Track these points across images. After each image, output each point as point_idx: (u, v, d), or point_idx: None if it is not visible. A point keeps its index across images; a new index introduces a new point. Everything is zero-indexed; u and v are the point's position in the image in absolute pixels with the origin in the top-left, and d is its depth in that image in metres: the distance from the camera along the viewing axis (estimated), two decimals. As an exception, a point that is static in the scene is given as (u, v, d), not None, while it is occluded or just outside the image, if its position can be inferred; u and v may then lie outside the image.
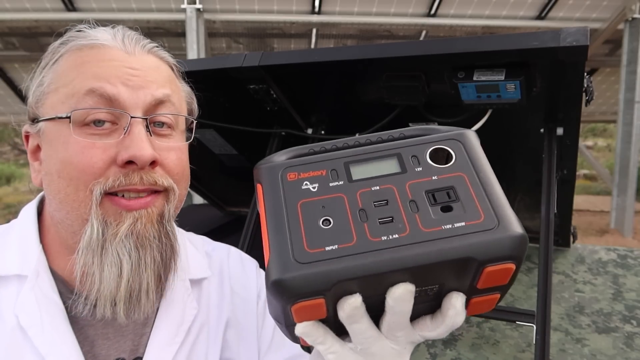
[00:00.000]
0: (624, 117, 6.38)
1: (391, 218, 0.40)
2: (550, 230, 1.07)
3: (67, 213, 0.61)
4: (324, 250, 0.39)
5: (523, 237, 0.39)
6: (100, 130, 0.60)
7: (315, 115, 1.33)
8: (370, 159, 0.44)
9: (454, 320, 0.43)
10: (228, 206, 2.00)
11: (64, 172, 0.59)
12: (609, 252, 1.49)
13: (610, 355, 1.08)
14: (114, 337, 0.65)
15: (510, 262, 0.39)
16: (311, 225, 0.40)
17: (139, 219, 0.61)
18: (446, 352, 1.11)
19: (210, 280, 0.76)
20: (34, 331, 0.60)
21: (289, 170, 0.44)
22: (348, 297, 0.40)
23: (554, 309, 1.24)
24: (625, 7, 6.17)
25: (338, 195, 0.42)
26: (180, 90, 0.70)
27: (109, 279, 0.59)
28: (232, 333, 0.74)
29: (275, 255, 0.39)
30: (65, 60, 0.63)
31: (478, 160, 0.44)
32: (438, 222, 0.39)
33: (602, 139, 15.73)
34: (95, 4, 6.19)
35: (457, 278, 0.40)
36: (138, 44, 0.65)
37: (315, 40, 7.32)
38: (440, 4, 6.46)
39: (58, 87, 0.62)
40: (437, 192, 0.41)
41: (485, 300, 0.44)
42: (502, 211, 0.40)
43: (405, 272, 0.38)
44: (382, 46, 1.01)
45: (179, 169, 0.65)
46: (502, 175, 1.51)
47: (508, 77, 0.94)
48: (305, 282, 0.38)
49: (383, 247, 0.39)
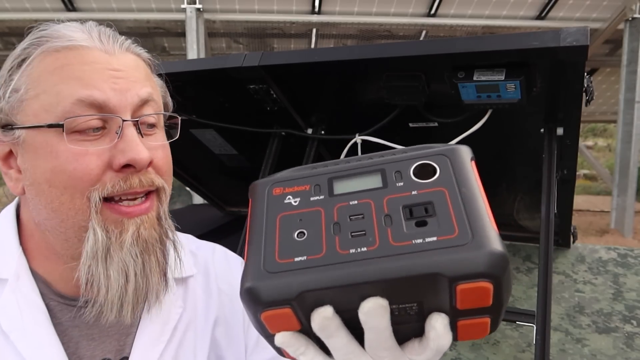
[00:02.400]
0: (624, 117, 6.38)
1: (364, 232, 0.40)
2: (550, 230, 1.07)
3: (61, 221, 0.60)
4: (292, 260, 0.39)
5: (498, 254, 0.36)
6: (92, 136, 0.59)
7: (315, 115, 1.33)
8: (355, 174, 0.44)
9: (438, 343, 0.41)
10: (228, 206, 2.00)
11: (56, 180, 0.58)
12: (609, 252, 1.49)
13: (610, 355, 1.08)
14: (99, 337, 0.65)
15: (484, 280, 0.37)
16: (286, 237, 0.41)
17: (141, 225, 0.61)
18: (446, 352, 1.11)
19: (196, 278, 0.76)
20: (16, 335, 0.59)
21: (276, 186, 0.45)
22: (318, 308, 0.39)
23: (554, 309, 1.24)
24: (625, 7, 6.17)
25: (316, 209, 0.42)
26: (157, 85, 0.70)
27: (117, 285, 0.59)
28: (221, 331, 0.75)
29: (249, 264, 0.40)
30: (39, 62, 0.60)
31: (463, 175, 0.42)
32: (409, 236, 0.39)
33: (602, 139, 15.72)
34: (95, 4, 6.19)
35: (433, 296, 0.39)
36: (116, 43, 0.63)
37: (315, 40, 7.32)
38: (440, 4, 6.46)
39: (38, 93, 0.59)
40: (414, 207, 0.40)
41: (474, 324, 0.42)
42: (480, 227, 0.38)
43: (374, 286, 0.38)
44: (382, 46, 1.01)
45: (167, 167, 0.65)
46: (502, 175, 1.51)
47: (508, 77, 0.94)
48: (270, 290, 0.38)
49: (349, 259, 0.38)
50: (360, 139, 1.24)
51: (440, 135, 1.16)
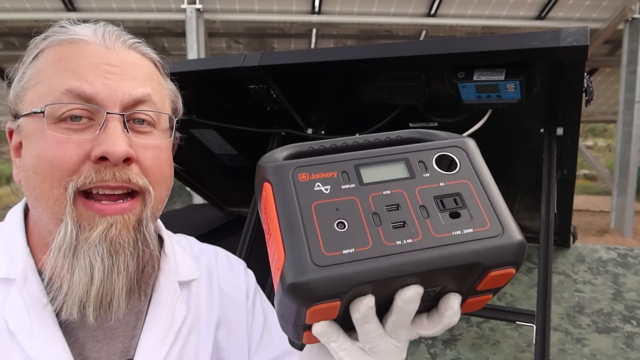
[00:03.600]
0: (624, 117, 6.38)
1: (403, 223, 0.41)
2: (550, 230, 1.07)
3: (42, 210, 0.60)
4: (341, 253, 0.39)
5: (524, 244, 0.41)
6: (76, 125, 0.58)
7: (315, 115, 1.33)
8: (379, 162, 0.45)
9: (451, 320, 0.45)
10: (228, 206, 2.00)
11: (39, 167, 0.58)
12: (609, 251, 1.49)
13: (610, 355, 1.08)
14: (103, 339, 0.64)
15: (512, 267, 0.41)
16: (327, 228, 0.41)
17: (113, 225, 0.59)
18: (446, 352, 1.11)
19: (199, 281, 0.75)
20: (22, 335, 0.59)
21: (300, 171, 0.44)
22: (363, 298, 0.41)
23: (554, 309, 1.24)
24: (625, 7, 6.17)
25: (351, 198, 0.43)
26: (163, 88, 0.68)
27: (79, 283, 0.58)
28: (223, 333, 0.74)
29: (292, 257, 0.39)
30: (45, 55, 0.62)
31: (480, 168, 0.45)
32: (448, 228, 0.41)
33: (602, 139, 15.72)
34: (95, 4, 6.19)
35: (461, 280, 0.42)
36: (119, 39, 0.63)
37: (315, 40, 7.32)
38: (440, 4, 6.46)
39: (36, 83, 0.61)
40: (444, 199, 0.43)
41: (479, 301, 0.46)
42: (505, 219, 0.42)
43: (417, 275, 0.40)
44: (382, 46, 1.01)
45: (155, 168, 0.63)
46: (502, 175, 1.52)
47: (508, 77, 0.94)
48: (324, 285, 0.38)
49: (398, 251, 0.40)
50: (360, 139, 1.24)
51: (440, 135, 1.16)
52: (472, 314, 1.14)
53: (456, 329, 1.20)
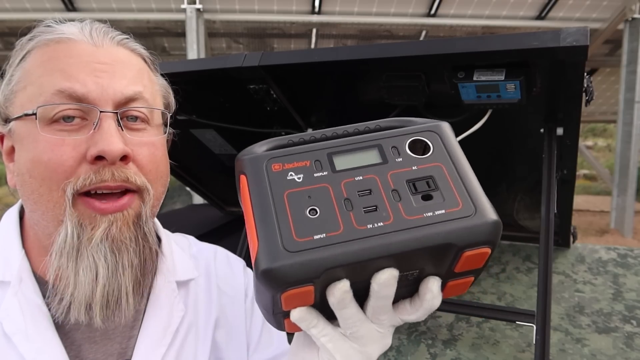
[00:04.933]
0: (624, 117, 6.38)
1: (375, 207, 0.42)
2: (550, 230, 1.07)
3: (42, 214, 0.59)
4: (312, 238, 0.40)
5: (498, 223, 0.41)
6: (70, 126, 0.58)
7: (315, 115, 1.33)
8: (353, 149, 0.46)
9: (431, 304, 0.45)
10: (228, 206, 2.00)
11: (35, 171, 0.57)
12: (609, 252, 1.49)
13: (610, 355, 1.08)
14: (100, 340, 0.64)
15: (486, 247, 0.41)
16: (298, 215, 0.41)
17: (114, 222, 0.59)
18: (446, 352, 1.11)
19: (198, 281, 0.75)
20: (18, 338, 0.58)
21: (274, 161, 0.45)
22: (337, 283, 0.41)
23: (554, 309, 1.24)
24: (625, 7, 6.17)
25: (323, 185, 0.43)
26: (154, 84, 0.67)
27: (84, 283, 0.57)
28: (221, 333, 0.74)
29: (264, 244, 0.40)
30: (32, 56, 0.61)
31: (454, 151, 0.46)
32: (420, 210, 0.41)
33: (602, 139, 15.72)
34: (95, 4, 6.19)
35: (436, 262, 0.42)
36: (106, 36, 0.63)
37: (315, 40, 7.32)
38: (440, 4, 6.46)
39: (26, 85, 0.60)
40: (417, 182, 0.43)
41: (461, 283, 0.47)
42: (478, 199, 0.42)
43: (390, 258, 0.40)
44: (382, 46, 1.01)
45: (152, 165, 0.62)
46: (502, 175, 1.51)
47: (508, 77, 0.94)
48: (295, 270, 0.39)
49: (369, 234, 0.40)
50: (360, 139, 1.24)
51: (440, 135, 1.16)
52: (472, 314, 1.14)
53: (456, 329, 1.20)
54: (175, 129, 0.72)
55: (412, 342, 1.15)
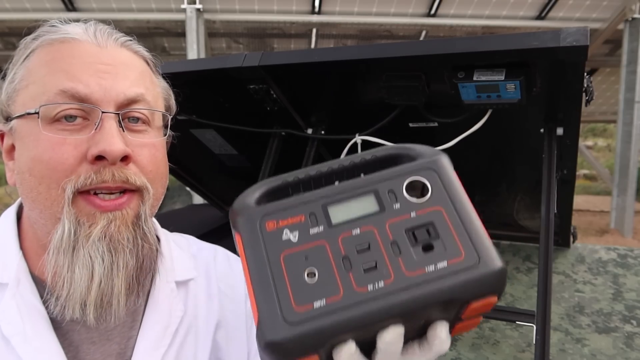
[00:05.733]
0: (624, 117, 6.38)
1: (375, 264, 0.40)
2: (550, 230, 1.07)
3: (40, 212, 0.59)
4: (312, 307, 0.39)
5: (503, 271, 0.40)
6: (71, 126, 0.58)
7: (315, 115, 1.33)
8: (348, 197, 0.44)
9: (440, 348, 0.43)
10: (228, 206, 2.00)
11: (35, 169, 0.58)
12: (609, 252, 1.49)
13: (610, 355, 1.08)
14: (99, 341, 0.64)
15: (493, 295, 0.40)
16: (297, 280, 0.40)
17: (112, 221, 0.59)
18: (446, 352, 1.12)
19: (197, 281, 0.75)
20: (16, 340, 0.58)
21: (268, 219, 0.43)
22: (343, 346, 0.40)
23: (554, 309, 1.24)
24: (625, 7, 6.17)
25: (320, 244, 0.41)
26: (156, 86, 0.68)
27: (80, 281, 0.57)
28: (222, 334, 0.74)
29: (264, 314, 0.39)
30: (36, 55, 0.61)
31: (454, 190, 0.43)
32: (421, 263, 0.40)
33: (602, 139, 15.72)
34: (95, 4, 6.19)
35: (443, 312, 0.41)
36: (110, 37, 0.63)
37: (315, 40, 7.32)
38: (440, 4, 6.46)
39: (28, 84, 0.60)
40: (417, 230, 0.41)
41: (469, 324, 0.45)
42: (481, 244, 0.40)
43: (394, 317, 0.39)
44: (382, 46, 1.01)
45: (152, 166, 0.63)
46: (502, 175, 1.51)
47: (508, 77, 0.94)
48: (297, 342, 0.37)
49: (369, 297, 0.39)
50: (360, 139, 1.24)
51: (440, 135, 1.16)
52: (472, 314, 1.14)
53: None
54: (175, 131, 0.72)
55: (412, 342, 1.15)
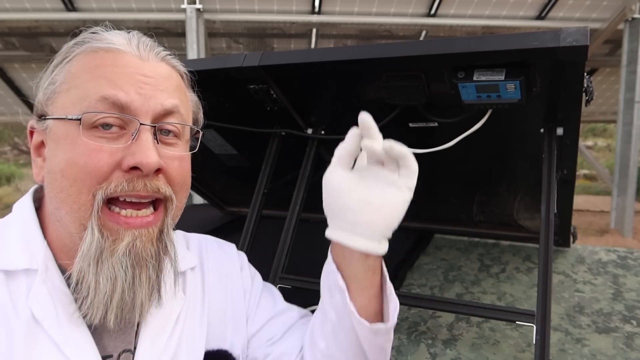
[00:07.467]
0: (624, 117, 6.37)
1: None
2: (550, 230, 1.07)
3: (65, 213, 0.61)
4: None
5: None
6: (108, 134, 0.61)
7: (315, 115, 1.33)
8: None
9: None
10: (228, 206, 2.00)
11: (68, 172, 0.60)
12: (608, 253, 1.49)
13: (610, 355, 1.08)
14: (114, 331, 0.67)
15: None
16: None
17: (138, 238, 0.61)
18: (446, 352, 1.11)
19: (194, 269, 0.79)
20: (48, 323, 0.61)
21: None
22: None
23: (554, 309, 1.24)
24: (625, 7, 6.17)
25: None
26: (188, 100, 0.72)
27: (103, 291, 0.60)
28: (219, 316, 0.78)
29: None
30: (79, 60, 0.64)
31: None
32: None
33: (602, 139, 15.71)
34: (95, 4, 6.18)
35: None
36: (152, 51, 0.66)
37: (315, 40, 7.32)
38: (440, 4, 6.46)
39: (70, 87, 0.62)
40: None
41: None
42: None
43: None
44: (382, 46, 1.01)
45: (180, 178, 0.66)
46: (502, 175, 1.50)
47: (508, 77, 0.94)
48: None
49: None
50: (360, 139, 1.24)
51: (440, 135, 1.16)
52: (472, 314, 1.14)
53: (456, 329, 1.20)
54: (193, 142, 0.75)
55: (412, 342, 1.15)
